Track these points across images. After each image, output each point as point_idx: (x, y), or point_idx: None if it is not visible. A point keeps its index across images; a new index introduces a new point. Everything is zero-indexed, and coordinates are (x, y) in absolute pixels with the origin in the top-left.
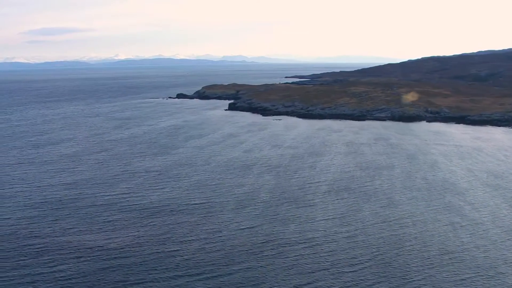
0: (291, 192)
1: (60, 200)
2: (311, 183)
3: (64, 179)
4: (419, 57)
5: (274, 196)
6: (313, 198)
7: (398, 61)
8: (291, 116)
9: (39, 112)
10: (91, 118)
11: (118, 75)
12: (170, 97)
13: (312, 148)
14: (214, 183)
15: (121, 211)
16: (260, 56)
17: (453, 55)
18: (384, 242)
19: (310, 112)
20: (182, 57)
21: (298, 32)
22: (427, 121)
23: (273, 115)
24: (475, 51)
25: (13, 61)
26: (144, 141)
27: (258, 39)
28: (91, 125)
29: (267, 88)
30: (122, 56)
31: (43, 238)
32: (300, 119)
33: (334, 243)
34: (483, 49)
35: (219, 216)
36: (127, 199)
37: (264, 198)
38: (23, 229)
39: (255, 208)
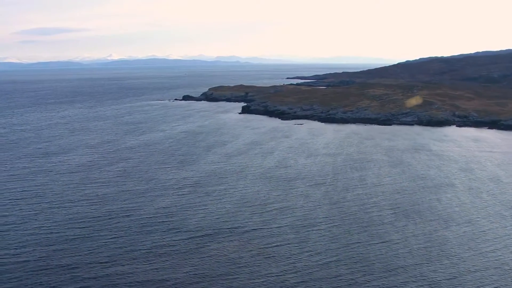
0: (354, 214)
1: (90, 224)
2: (370, 201)
3: (87, 194)
4: (417, 58)
5: (336, 220)
6: (382, 221)
7: (395, 62)
8: (311, 120)
9: (41, 115)
10: (98, 122)
11: (114, 76)
12: (176, 99)
13: (351, 158)
14: (261, 201)
15: (166, 237)
16: (254, 57)
17: (458, 55)
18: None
19: (331, 116)
20: (175, 57)
21: (290, 33)
22: (457, 126)
23: (292, 119)
24: (472, 52)
25: (5, 61)
26: (164, 149)
27: (250, 40)
28: (101, 130)
29: (277, 90)
30: (115, 57)
31: (84, 281)
32: (323, 124)
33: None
34: (480, 50)
35: (287, 246)
36: (168, 221)
37: (327, 222)
38: (56, 265)
39: (323, 235)
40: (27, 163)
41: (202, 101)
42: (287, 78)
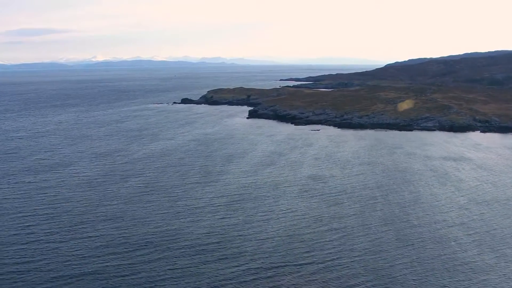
0: (431, 243)
1: (126, 259)
2: (439, 226)
3: (111, 217)
4: (406, 59)
5: (414, 252)
6: (470, 257)
7: (383, 63)
8: (326, 125)
9: (35, 120)
10: (99, 128)
11: (102, 78)
12: (175, 102)
13: (389, 169)
14: (315, 226)
15: (226, 275)
16: (239, 58)
17: (448, 56)
18: None
19: (347, 121)
20: (160, 58)
21: (274, 34)
22: (481, 132)
23: (305, 124)
24: (461, 53)
25: None
26: (180, 160)
27: (234, 41)
28: (104, 138)
29: (280, 93)
30: (100, 58)
31: None
32: (340, 130)
33: None
34: (469, 51)
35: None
36: (221, 254)
37: (404, 254)
38: None
39: (412, 275)
40: (32, 177)
41: (203, 105)
42: (280, 79)
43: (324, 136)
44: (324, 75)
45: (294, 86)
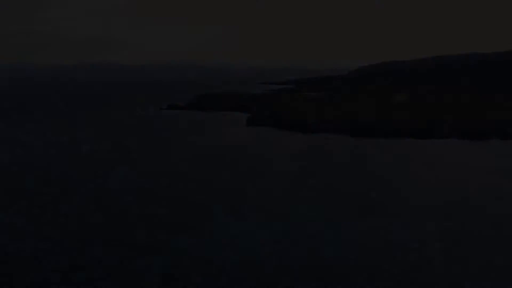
0: None
1: None
2: None
3: (171, 267)
4: (379, 62)
5: None
6: None
7: (357, 66)
8: (337, 133)
9: (8, 134)
10: (91, 145)
11: (76, 81)
12: (161, 108)
13: (453, 188)
14: (418, 261)
15: None
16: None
17: (423, 58)
18: None
19: (359, 128)
20: (125, 62)
21: (227, 36)
22: (507, 139)
23: (314, 132)
24: (429, 55)
25: None
26: (199, 182)
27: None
28: (103, 153)
29: (272, 97)
30: (68, 62)
31: None
32: (355, 138)
33: None
34: (430, 55)
35: None
36: None
37: None
38: None
39: None
40: (38, 210)
41: (193, 111)
42: (258, 83)
43: (342, 146)
44: (304, 78)
45: (278, 90)
